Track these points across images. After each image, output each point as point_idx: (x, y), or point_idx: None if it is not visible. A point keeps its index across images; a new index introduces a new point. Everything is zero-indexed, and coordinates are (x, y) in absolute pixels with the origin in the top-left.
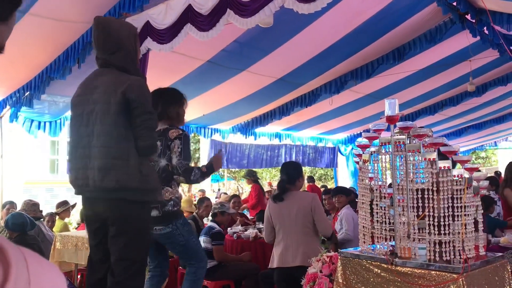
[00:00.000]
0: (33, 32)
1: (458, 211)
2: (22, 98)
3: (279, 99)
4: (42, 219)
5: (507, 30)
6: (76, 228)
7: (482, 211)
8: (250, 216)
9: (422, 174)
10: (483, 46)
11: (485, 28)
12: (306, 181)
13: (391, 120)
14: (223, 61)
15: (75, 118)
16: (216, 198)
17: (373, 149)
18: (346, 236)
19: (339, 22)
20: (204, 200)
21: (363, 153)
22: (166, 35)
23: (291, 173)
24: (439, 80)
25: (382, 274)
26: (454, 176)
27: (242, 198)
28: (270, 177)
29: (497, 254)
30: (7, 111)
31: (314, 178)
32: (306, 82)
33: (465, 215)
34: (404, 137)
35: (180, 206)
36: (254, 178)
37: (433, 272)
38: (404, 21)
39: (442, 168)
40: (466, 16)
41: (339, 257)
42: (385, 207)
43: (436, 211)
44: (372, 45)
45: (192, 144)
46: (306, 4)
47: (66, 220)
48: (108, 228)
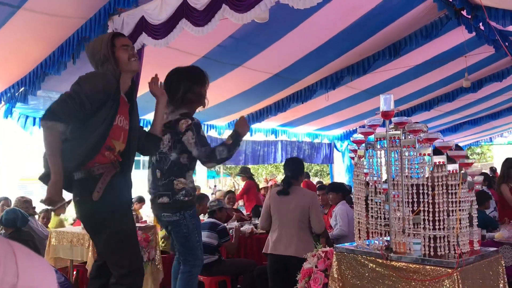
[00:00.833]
0: (27, 27)
1: (452, 206)
2: (16, 94)
3: (275, 95)
4: (34, 215)
5: (503, 26)
6: (72, 224)
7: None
8: (246, 212)
9: (417, 169)
10: (479, 42)
11: (480, 24)
12: None
13: (386, 115)
14: (219, 56)
15: None
16: (212, 194)
17: (368, 144)
18: (340, 232)
19: (335, 17)
20: (204, 197)
21: (358, 148)
22: (161, 31)
23: (295, 169)
24: (435, 76)
25: (377, 269)
26: (449, 171)
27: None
28: (266, 173)
29: (491, 249)
30: (2, 107)
31: (310, 174)
32: (302, 78)
33: (459, 210)
34: (399, 132)
35: (193, 197)
36: (248, 175)
37: (428, 267)
38: (400, 17)
39: (437, 163)
40: (462, 12)
41: (335, 252)
42: (380, 203)
43: (431, 206)
44: (368, 40)
45: None
46: None
47: (62, 216)
48: None
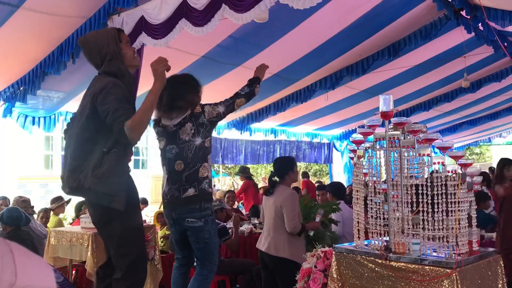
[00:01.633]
0: (27, 26)
1: (452, 207)
2: (16, 93)
3: (274, 95)
4: (33, 215)
5: (502, 26)
6: (71, 223)
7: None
8: (245, 212)
9: (416, 169)
10: (478, 42)
11: (480, 24)
12: (300, 176)
13: (386, 115)
14: (218, 56)
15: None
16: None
17: (367, 144)
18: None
19: (335, 17)
20: None
21: (358, 148)
22: (161, 30)
23: (279, 167)
24: (434, 76)
25: (376, 269)
26: (448, 171)
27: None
28: (265, 172)
29: (490, 249)
30: (1, 106)
31: (309, 173)
32: (301, 78)
33: (458, 211)
34: (398, 132)
35: (212, 191)
36: (247, 175)
37: (427, 267)
38: (399, 17)
39: (436, 163)
40: (461, 12)
41: (334, 252)
42: (379, 203)
43: (430, 207)
44: (367, 41)
45: None
46: None
47: (61, 215)
48: None
